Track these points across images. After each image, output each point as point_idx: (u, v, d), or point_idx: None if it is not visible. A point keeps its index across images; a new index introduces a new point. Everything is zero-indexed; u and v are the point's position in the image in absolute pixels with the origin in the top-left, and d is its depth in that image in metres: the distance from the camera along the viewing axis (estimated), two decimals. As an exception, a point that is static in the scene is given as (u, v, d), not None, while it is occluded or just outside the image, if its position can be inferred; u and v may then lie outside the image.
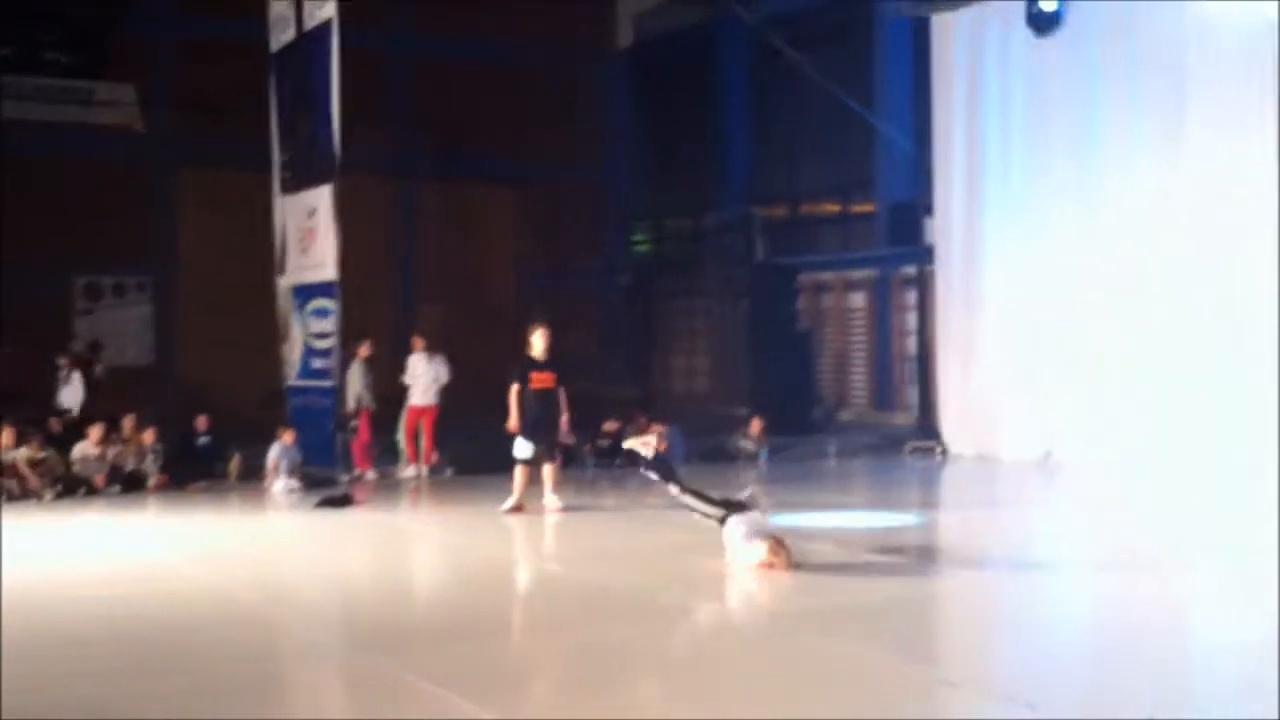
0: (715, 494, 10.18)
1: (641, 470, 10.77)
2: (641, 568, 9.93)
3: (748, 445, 17.65)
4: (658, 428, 16.22)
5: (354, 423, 15.93)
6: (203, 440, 15.65)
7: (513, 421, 12.65)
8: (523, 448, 12.64)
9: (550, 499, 12.71)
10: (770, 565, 9.35)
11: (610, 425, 16.72)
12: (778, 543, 9.45)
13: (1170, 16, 15.49)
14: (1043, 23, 16.69)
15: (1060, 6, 16.53)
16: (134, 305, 22.18)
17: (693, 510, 10.10)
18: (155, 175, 21.87)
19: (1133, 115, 15.93)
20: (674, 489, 10.27)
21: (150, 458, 14.93)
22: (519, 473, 12.69)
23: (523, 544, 11.68)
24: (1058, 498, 15.07)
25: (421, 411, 16.04)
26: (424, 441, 16.03)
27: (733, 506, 9.85)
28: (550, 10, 23.55)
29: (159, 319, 22.22)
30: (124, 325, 21.85)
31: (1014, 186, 17.45)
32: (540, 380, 12.68)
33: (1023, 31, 16.92)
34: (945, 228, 18.43)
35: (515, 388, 12.72)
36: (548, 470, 12.77)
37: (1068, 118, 16.69)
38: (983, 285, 17.81)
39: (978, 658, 7.65)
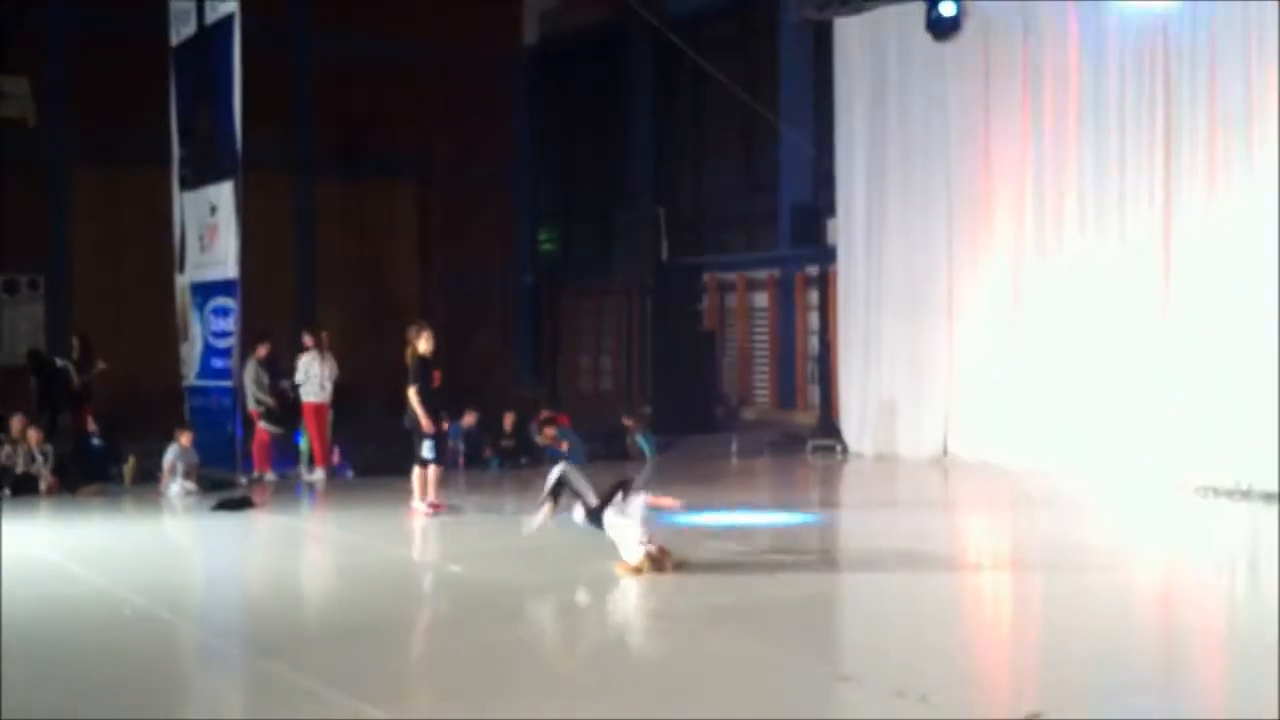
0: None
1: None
2: (541, 568, 9.93)
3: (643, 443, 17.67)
4: (563, 419, 16.22)
5: (260, 423, 15.69)
6: (95, 442, 15.31)
7: (426, 423, 12.54)
8: (431, 448, 12.57)
9: (418, 502, 12.63)
10: (656, 561, 9.44)
11: (509, 420, 16.66)
12: (661, 550, 9.53)
13: (1065, 21, 15.82)
14: (941, 27, 16.97)
15: (958, 11, 16.80)
16: (26, 303, 21.64)
17: (575, 494, 10.05)
18: (49, 170, 21.36)
19: (1028, 118, 16.25)
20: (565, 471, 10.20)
21: (40, 459, 14.57)
22: (432, 472, 12.62)
23: (423, 545, 11.61)
24: (953, 496, 15.32)
25: (316, 409, 15.83)
26: (319, 442, 15.74)
27: (618, 487, 9.84)
28: (455, 8, 23.39)
29: (52, 317, 21.67)
30: (15, 324, 21.30)
31: (914, 188, 17.69)
32: (438, 380, 12.70)
33: (922, 35, 17.17)
34: (847, 229, 18.63)
35: (416, 388, 12.61)
36: (433, 471, 12.68)
37: (966, 120, 16.96)
38: (883, 285, 18.05)
39: (874, 654, 7.75)
